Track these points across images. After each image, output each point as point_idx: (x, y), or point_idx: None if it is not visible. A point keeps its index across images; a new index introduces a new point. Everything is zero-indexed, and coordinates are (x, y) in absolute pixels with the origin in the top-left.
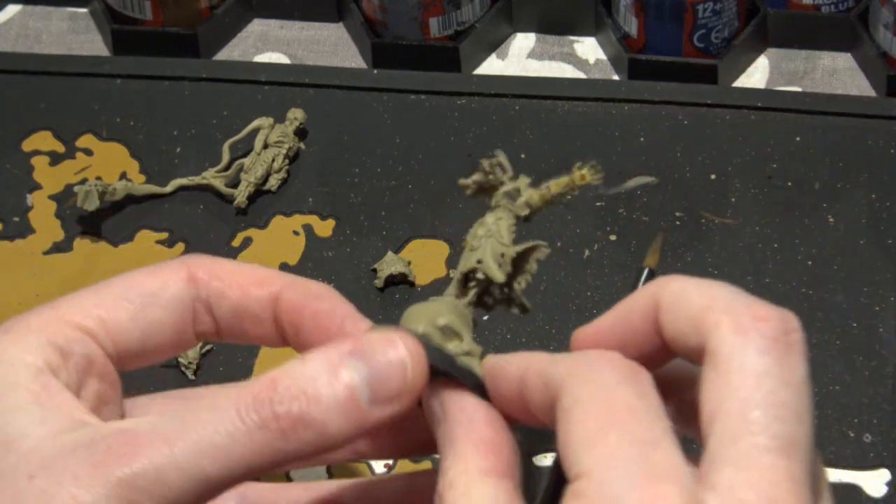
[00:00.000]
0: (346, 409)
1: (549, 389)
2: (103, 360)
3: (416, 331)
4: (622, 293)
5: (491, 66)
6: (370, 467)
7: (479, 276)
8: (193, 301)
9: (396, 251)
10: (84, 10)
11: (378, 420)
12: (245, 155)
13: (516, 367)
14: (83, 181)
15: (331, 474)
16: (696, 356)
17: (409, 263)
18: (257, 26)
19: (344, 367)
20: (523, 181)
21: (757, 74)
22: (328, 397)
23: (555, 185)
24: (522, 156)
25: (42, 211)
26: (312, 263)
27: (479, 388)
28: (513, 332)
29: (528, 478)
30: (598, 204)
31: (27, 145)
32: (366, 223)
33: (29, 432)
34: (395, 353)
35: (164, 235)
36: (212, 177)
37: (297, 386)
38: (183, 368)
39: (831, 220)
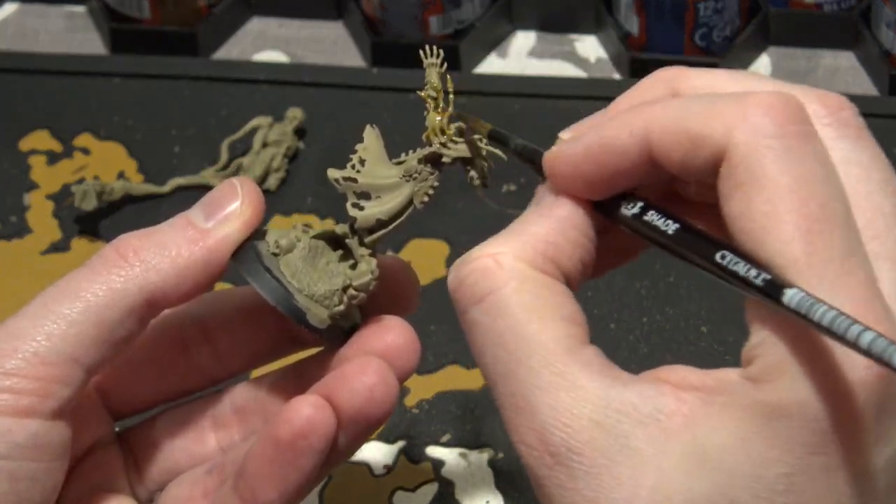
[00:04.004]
0: (186, 233)
1: (702, 147)
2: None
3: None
4: (622, 292)
5: (491, 64)
6: (370, 469)
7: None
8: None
9: (396, 251)
10: (82, 8)
11: (218, 241)
12: (244, 154)
13: (641, 121)
14: (81, 181)
15: (330, 475)
16: (706, 168)
17: (409, 263)
18: (256, 25)
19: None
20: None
21: (759, 73)
22: (167, 230)
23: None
24: None
25: (39, 211)
26: None
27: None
28: None
29: None
30: None
31: (24, 144)
32: None
33: None
34: (228, 181)
35: None
36: (210, 176)
37: (142, 233)
38: None
39: None
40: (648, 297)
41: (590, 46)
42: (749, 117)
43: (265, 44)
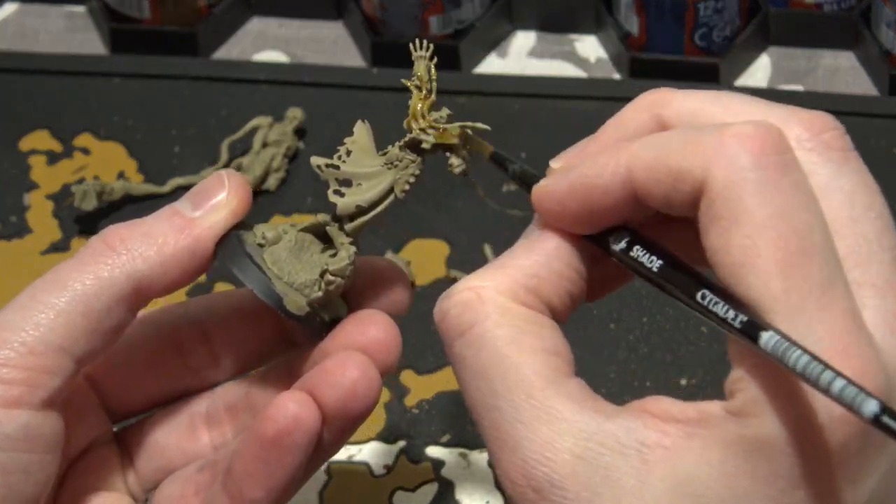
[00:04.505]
0: (173, 222)
1: (682, 182)
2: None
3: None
4: (622, 292)
5: (491, 64)
6: (370, 469)
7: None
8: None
9: (396, 251)
10: (82, 8)
11: (205, 230)
12: (244, 154)
13: (623, 159)
14: (81, 181)
15: (330, 475)
16: (688, 202)
17: (409, 263)
18: (256, 25)
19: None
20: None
21: (759, 73)
22: (154, 221)
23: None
24: (523, 154)
25: (39, 211)
26: None
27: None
28: None
29: None
30: None
31: (24, 144)
32: None
33: None
34: (216, 173)
35: None
36: None
37: (129, 223)
38: None
39: None
40: (648, 297)
41: (590, 46)
42: (726, 150)
43: (265, 44)
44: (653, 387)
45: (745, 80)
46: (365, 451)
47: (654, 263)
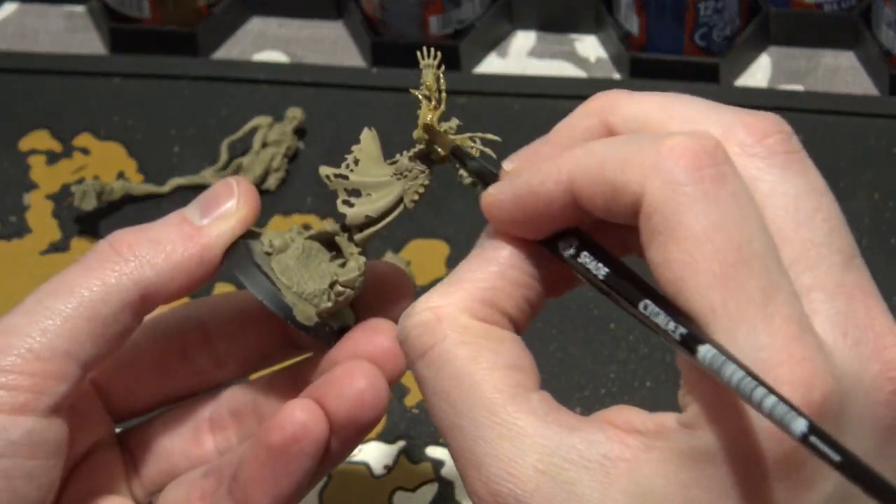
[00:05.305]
0: (182, 229)
1: (621, 195)
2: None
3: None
4: None
5: (491, 64)
6: (370, 469)
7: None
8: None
9: (396, 251)
10: (81, 8)
11: (213, 238)
12: (244, 154)
13: (565, 168)
14: (80, 180)
15: (330, 476)
16: (630, 212)
17: (409, 263)
18: (256, 24)
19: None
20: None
21: (759, 73)
22: (162, 227)
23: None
24: None
25: (39, 210)
26: None
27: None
28: None
29: None
30: None
31: (24, 144)
32: None
33: None
34: (224, 180)
35: None
36: (210, 176)
37: (137, 228)
38: None
39: None
40: None
41: (590, 46)
42: (661, 165)
43: (265, 44)
44: (653, 387)
45: (745, 79)
46: (365, 451)
47: (601, 271)
